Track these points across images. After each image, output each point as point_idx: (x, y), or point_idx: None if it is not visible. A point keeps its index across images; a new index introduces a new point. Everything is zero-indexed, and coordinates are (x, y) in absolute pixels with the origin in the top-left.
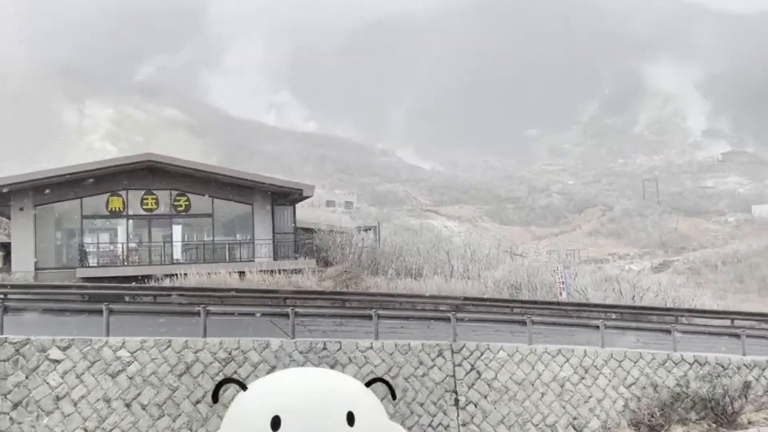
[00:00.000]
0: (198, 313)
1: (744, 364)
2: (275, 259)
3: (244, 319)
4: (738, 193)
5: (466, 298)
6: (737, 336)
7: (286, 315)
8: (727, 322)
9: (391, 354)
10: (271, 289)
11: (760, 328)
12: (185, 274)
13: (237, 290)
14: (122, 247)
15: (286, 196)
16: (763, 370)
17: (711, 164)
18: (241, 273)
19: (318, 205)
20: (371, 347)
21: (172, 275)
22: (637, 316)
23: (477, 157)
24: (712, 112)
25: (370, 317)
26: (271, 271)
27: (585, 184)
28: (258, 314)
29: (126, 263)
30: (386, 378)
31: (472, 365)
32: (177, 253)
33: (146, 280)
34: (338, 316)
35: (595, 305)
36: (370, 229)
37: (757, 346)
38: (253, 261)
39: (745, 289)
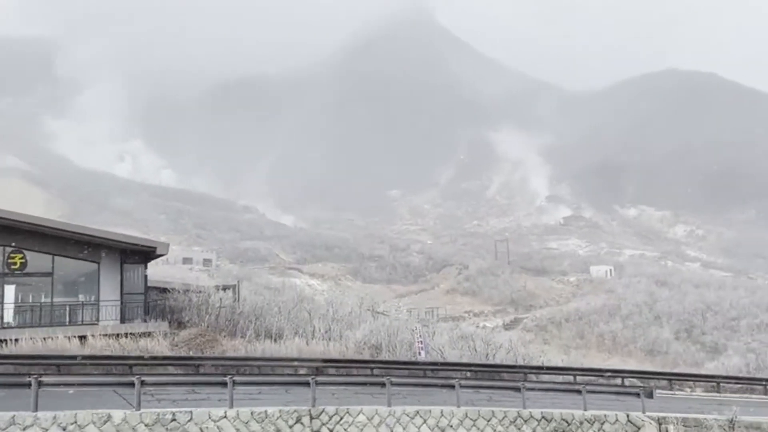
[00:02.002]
0: (28, 384)
1: (585, 419)
2: (123, 321)
3: (83, 389)
4: (578, 255)
5: (326, 361)
6: (579, 392)
7: (132, 384)
8: (571, 378)
9: (246, 422)
10: (115, 355)
11: (598, 383)
12: (16, 340)
13: (76, 357)
14: None
15: (138, 254)
16: (602, 424)
17: (554, 227)
18: (83, 337)
19: (174, 262)
20: (225, 416)
21: (0, 341)
22: (490, 374)
23: (340, 215)
24: (554, 180)
25: (225, 384)
26: (117, 335)
27: (443, 243)
28: (99, 384)
29: None
30: None
31: (331, 430)
32: (8, 316)
33: None
34: (191, 383)
35: (452, 364)
36: (229, 288)
37: (597, 400)
38: (97, 324)
39: (586, 345)
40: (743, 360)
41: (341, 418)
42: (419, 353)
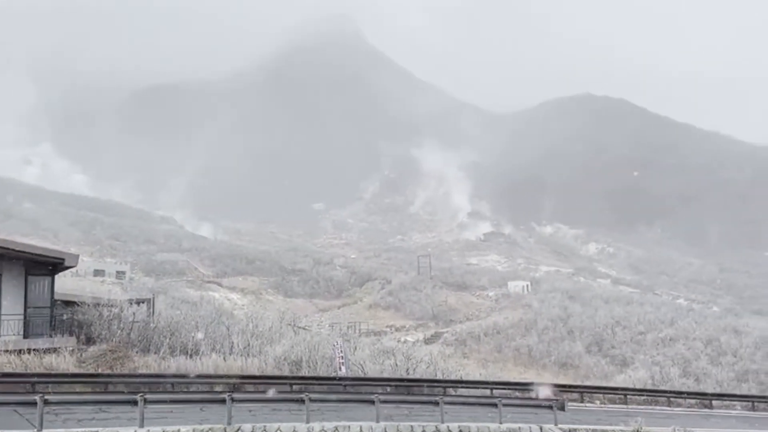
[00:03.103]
0: None
1: None
2: (26, 336)
3: None
4: (497, 270)
5: (244, 377)
6: (495, 405)
7: (34, 403)
8: (488, 392)
9: None
10: (16, 372)
11: (513, 397)
12: None
13: None
14: None
15: (44, 265)
16: None
17: (475, 243)
18: None
19: (84, 274)
20: None
21: None
22: (410, 389)
23: (263, 227)
24: (475, 197)
25: (135, 402)
26: (20, 351)
27: (367, 258)
28: None
29: None
30: None
31: None
32: None
33: None
34: (99, 402)
35: (372, 379)
36: (143, 302)
37: (513, 413)
38: None
39: (503, 358)
40: (648, 373)
41: None
42: (340, 368)
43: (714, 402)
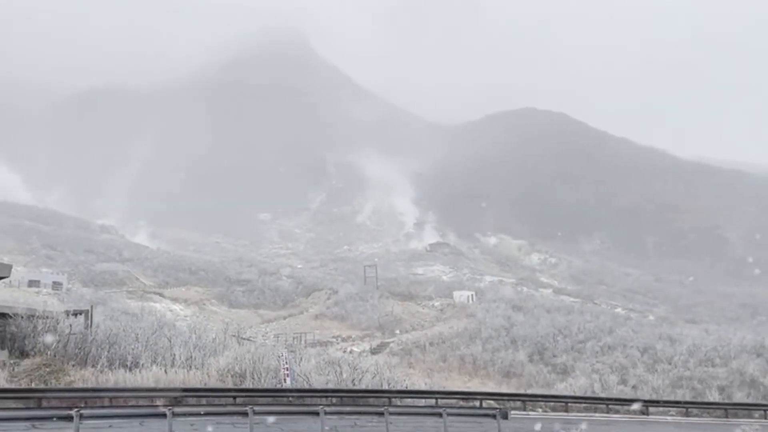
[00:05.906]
0: None
1: None
2: None
3: None
4: (442, 280)
5: (185, 390)
6: (440, 415)
7: None
8: (433, 401)
9: None
10: None
11: (458, 406)
12: None
13: None
14: None
15: None
16: None
17: (421, 254)
18: None
19: (18, 285)
20: None
21: None
22: (355, 399)
23: (207, 237)
24: (421, 207)
25: (70, 418)
26: None
27: (313, 268)
28: None
29: None
30: None
31: None
32: None
33: None
34: (31, 418)
35: (317, 390)
36: (81, 314)
37: (457, 422)
38: None
39: (448, 368)
40: (588, 381)
41: None
42: (285, 380)
43: (650, 408)
